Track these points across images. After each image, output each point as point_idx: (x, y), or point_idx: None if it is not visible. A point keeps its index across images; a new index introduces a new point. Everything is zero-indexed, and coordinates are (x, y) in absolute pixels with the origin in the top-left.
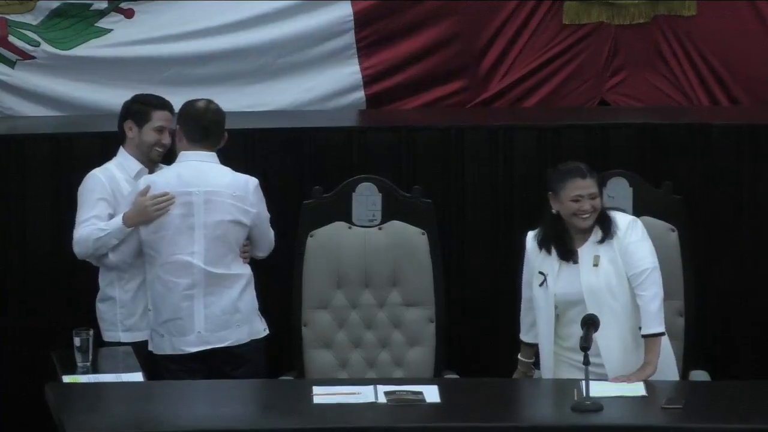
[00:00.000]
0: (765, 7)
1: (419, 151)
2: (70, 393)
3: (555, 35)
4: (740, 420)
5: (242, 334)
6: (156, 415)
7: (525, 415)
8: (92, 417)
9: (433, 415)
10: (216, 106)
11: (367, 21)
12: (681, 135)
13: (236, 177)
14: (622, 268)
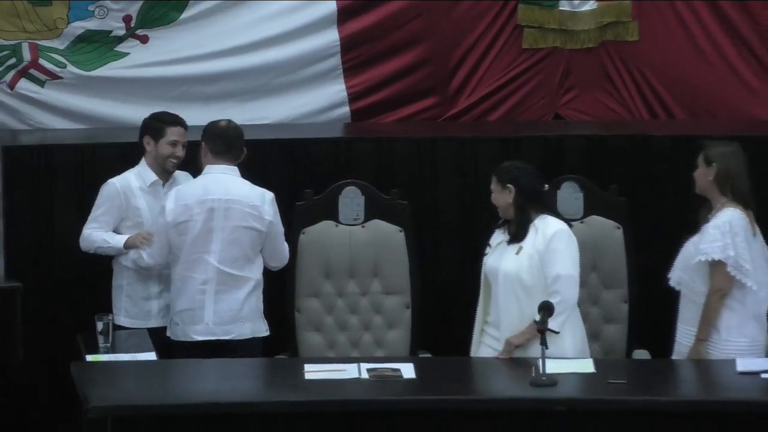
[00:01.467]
0: (698, 34)
1: (397, 159)
2: (92, 370)
3: (515, 58)
4: (676, 394)
5: (245, 330)
6: (166, 389)
7: (490, 388)
8: (111, 391)
9: (410, 389)
10: (235, 125)
11: (352, 46)
12: (625, 145)
13: (254, 189)
14: (537, 264)
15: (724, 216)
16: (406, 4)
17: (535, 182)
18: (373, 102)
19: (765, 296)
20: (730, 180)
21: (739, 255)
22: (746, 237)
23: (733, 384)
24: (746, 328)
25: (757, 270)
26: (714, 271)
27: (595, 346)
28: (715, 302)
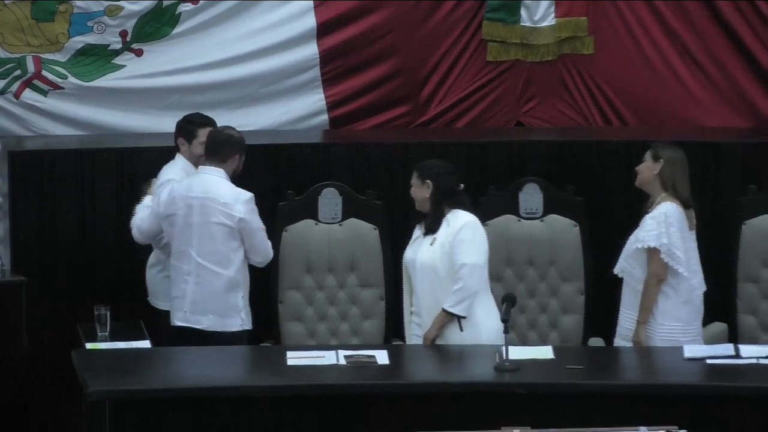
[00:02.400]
0: (648, 48)
1: (372, 163)
2: (91, 357)
3: (480, 70)
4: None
5: (214, 323)
6: (159, 375)
7: (457, 373)
8: (109, 376)
9: (384, 374)
10: (228, 132)
11: (330, 59)
12: (581, 149)
13: (231, 189)
14: (448, 253)
15: (662, 208)
16: (380, 20)
17: (452, 181)
18: (350, 110)
19: (698, 283)
20: (673, 178)
21: (672, 243)
22: (681, 228)
23: (681, 369)
24: (679, 313)
25: (690, 259)
26: (650, 258)
27: (553, 335)
28: (652, 287)
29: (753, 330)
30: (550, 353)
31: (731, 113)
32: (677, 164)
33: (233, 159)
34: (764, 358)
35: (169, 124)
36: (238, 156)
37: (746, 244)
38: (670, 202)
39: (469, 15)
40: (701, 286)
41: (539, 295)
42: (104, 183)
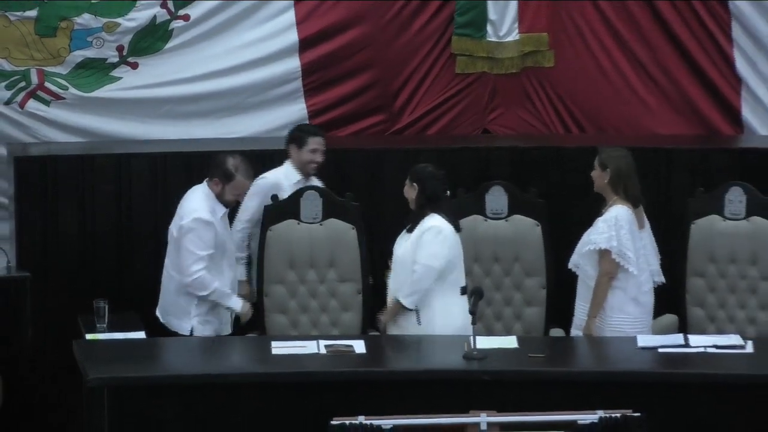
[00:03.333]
0: (604, 61)
1: (350, 167)
2: (91, 347)
3: (449, 81)
4: (587, 366)
5: (170, 322)
6: (153, 362)
7: (429, 361)
8: (108, 364)
9: (361, 363)
10: (223, 158)
11: (311, 71)
12: (543, 154)
13: (194, 204)
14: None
15: (613, 211)
16: (358, 36)
17: (438, 187)
18: (330, 118)
19: (645, 279)
20: (622, 181)
21: (622, 244)
22: (630, 229)
23: (635, 357)
24: (626, 307)
25: (639, 258)
26: (601, 258)
27: (517, 326)
28: (603, 285)
29: (701, 321)
30: (514, 343)
31: (681, 122)
32: (623, 169)
33: (215, 182)
34: (711, 347)
35: (164, 131)
36: (219, 182)
37: (694, 242)
38: (620, 206)
39: (439, 31)
40: (650, 281)
41: (504, 289)
42: (103, 186)
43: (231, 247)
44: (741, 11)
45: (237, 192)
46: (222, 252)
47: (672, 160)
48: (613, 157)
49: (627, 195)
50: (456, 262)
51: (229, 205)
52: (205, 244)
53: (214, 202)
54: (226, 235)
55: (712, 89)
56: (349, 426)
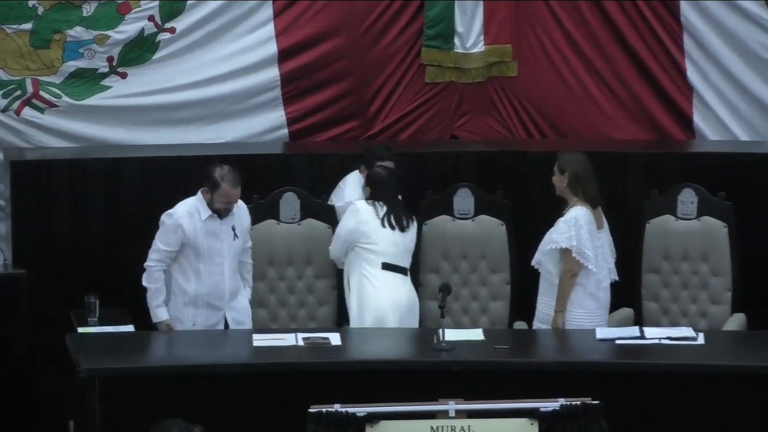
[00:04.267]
0: (565, 71)
1: (326, 171)
2: (83, 340)
3: (419, 90)
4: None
5: None
6: (142, 354)
7: (401, 352)
8: (99, 356)
9: (337, 354)
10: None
11: (290, 80)
12: (507, 158)
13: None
14: None
15: (572, 212)
16: (333, 47)
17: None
18: (307, 125)
19: (604, 277)
20: (580, 183)
21: (582, 243)
22: (590, 229)
23: (594, 348)
24: (585, 302)
25: (597, 256)
26: (563, 256)
27: (483, 319)
28: (567, 280)
29: (655, 314)
30: (480, 335)
31: (636, 127)
32: (580, 172)
33: (205, 191)
34: (665, 338)
35: (151, 137)
36: (208, 190)
37: (649, 240)
38: (580, 207)
39: (409, 43)
40: (607, 278)
41: (471, 284)
42: (94, 188)
43: (227, 254)
44: (692, 24)
45: (225, 200)
46: (198, 254)
47: (628, 163)
48: (570, 162)
49: (585, 196)
50: (369, 234)
51: (220, 213)
52: (167, 239)
53: (202, 206)
54: (213, 241)
55: (665, 97)
56: (326, 413)
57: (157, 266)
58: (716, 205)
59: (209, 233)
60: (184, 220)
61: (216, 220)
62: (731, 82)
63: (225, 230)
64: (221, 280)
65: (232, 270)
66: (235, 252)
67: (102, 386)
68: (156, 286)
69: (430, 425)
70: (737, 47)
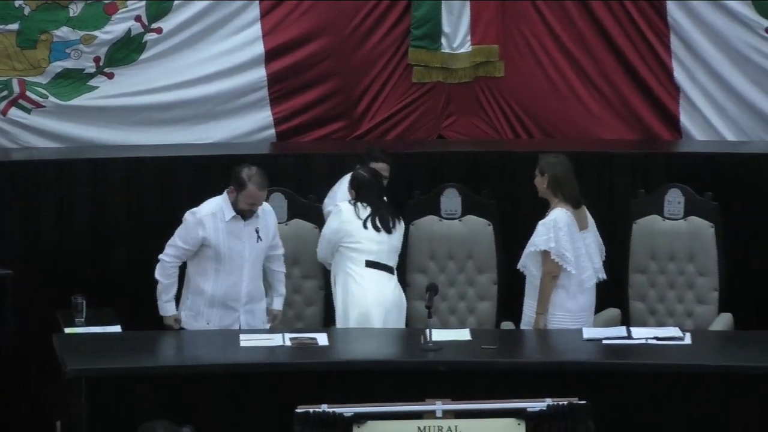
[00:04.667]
0: (551, 71)
1: (313, 171)
2: (70, 340)
3: (407, 90)
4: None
5: None
6: (129, 354)
7: (388, 351)
8: (85, 356)
9: (324, 354)
10: (240, 168)
11: (276, 81)
12: (493, 158)
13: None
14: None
15: (552, 214)
16: (320, 47)
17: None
18: (294, 125)
19: (587, 278)
20: (560, 184)
21: (560, 245)
22: (569, 231)
23: (581, 348)
24: (568, 305)
25: (580, 257)
26: (544, 259)
27: (470, 319)
28: (548, 282)
29: (642, 315)
30: (467, 335)
31: (623, 127)
32: (561, 174)
33: (231, 190)
34: (652, 338)
35: (138, 137)
36: (234, 189)
37: (636, 240)
38: (560, 208)
39: (396, 43)
40: (592, 279)
41: (458, 285)
42: (80, 189)
43: (248, 255)
44: (679, 24)
45: (249, 201)
46: (218, 254)
47: (614, 163)
48: (550, 164)
49: (566, 197)
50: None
51: (244, 214)
52: (186, 237)
53: (227, 207)
54: (235, 242)
55: (652, 97)
56: (313, 414)
57: (172, 262)
58: (703, 205)
59: (231, 234)
60: (207, 219)
61: (239, 221)
62: (718, 82)
63: (248, 232)
64: (239, 282)
65: (253, 273)
66: (258, 255)
67: (89, 386)
68: (169, 282)
69: (417, 425)
70: (724, 47)
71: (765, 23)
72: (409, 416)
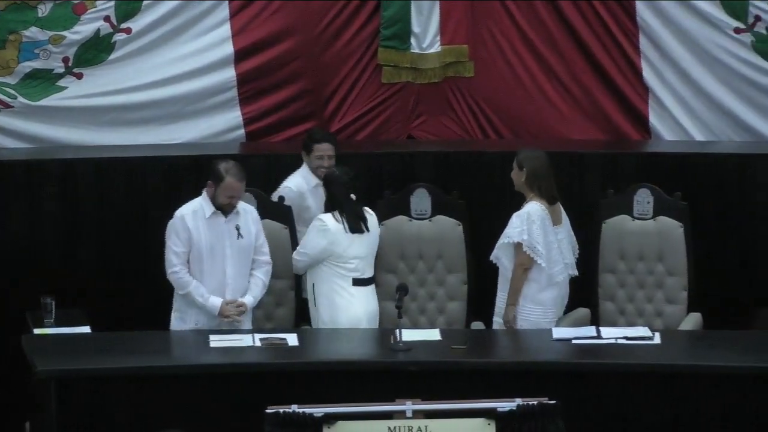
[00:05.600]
0: (521, 71)
1: (283, 171)
2: (39, 341)
3: (376, 90)
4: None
5: None
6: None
7: (358, 352)
8: (55, 357)
9: (294, 354)
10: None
11: (246, 81)
12: (463, 158)
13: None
14: None
15: (527, 207)
16: (290, 48)
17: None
18: (264, 125)
19: (558, 272)
20: (537, 180)
21: (533, 238)
22: (542, 225)
23: (551, 348)
24: (539, 298)
25: (551, 251)
26: (516, 251)
27: (440, 319)
28: (519, 274)
29: (612, 314)
30: (437, 335)
31: (592, 128)
32: (538, 169)
33: (209, 185)
34: (622, 338)
35: (107, 138)
36: (213, 184)
37: (606, 240)
38: (535, 202)
39: (366, 43)
40: (563, 273)
41: (428, 285)
42: (49, 189)
43: (230, 253)
44: (648, 24)
45: (228, 193)
46: (200, 253)
47: (584, 163)
48: (530, 158)
49: (542, 193)
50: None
51: (224, 210)
52: (177, 240)
53: (206, 205)
54: (216, 239)
55: (621, 97)
56: (283, 414)
57: (180, 269)
58: (672, 205)
59: (212, 231)
60: (189, 217)
61: (220, 218)
62: (687, 82)
63: (228, 229)
64: (223, 280)
65: (236, 271)
66: (240, 252)
67: (58, 387)
68: (191, 287)
69: (388, 425)
70: (693, 47)
71: (734, 23)
72: (380, 416)
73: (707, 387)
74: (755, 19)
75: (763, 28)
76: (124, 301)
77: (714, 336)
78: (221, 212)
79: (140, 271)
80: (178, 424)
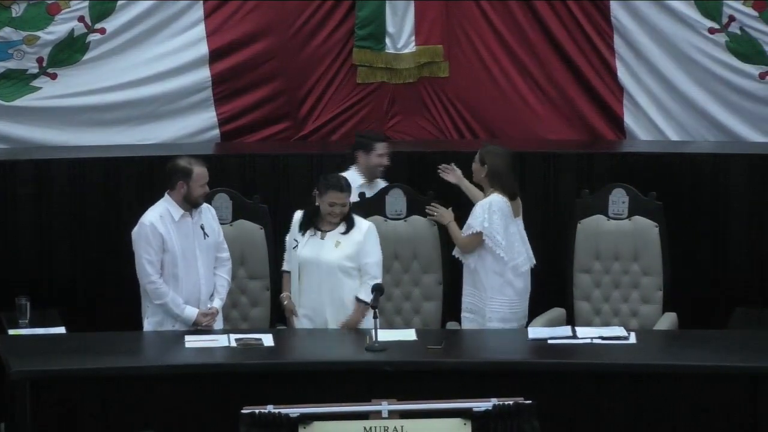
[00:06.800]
0: (496, 71)
1: (258, 171)
2: (14, 342)
3: (351, 91)
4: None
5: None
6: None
7: (333, 353)
8: (30, 358)
9: (269, 355)
10: (173, 162)
11: (221, 81)
12: (439, 159)
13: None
14: (357, 255)
15: (488, 198)
16: (264, 48)
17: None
18: (239, 125)
19: (522, 263)
20: (498, 178)
21: (493, 228)
22: (503, 216)
23: (526, 348)
24: (505, 290)
25: (513, 243)
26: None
27: (416, 319)
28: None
29: (587, 314)
30: (413, 335)
31: (567, 127)
32: (500, 167)
33: (179, 186)
34: (597, 338)
35: (82, 138)
36: (183, 183)
37: (581, 240)
38: (497, 194)
39: (341, 43)
40: (526, 264)
41: (404, 285)
42: (24, 190)
43: (200, 254)
44: (623, 25)
45: (201, 182)
46: (174, 258)
47: (559, 163)
48: (492, 155)
49: (503, 190)
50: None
51: (199, 201)
52: (148, 248)
53: (172, 208)
54: (187, 242)
55: (596, 97)
56: (259, 414)
57: (157, 279)
58: (647, 204)
59: (182, 234)
60: (158, 223)
61: (188, 219)
62: (662, 82)
63: (195, 230)
64: (197, 281)
65: (206, 271)
66: (208, 251)
67: (33, 388)
68: (168, 299)
69: (364, 426)
70: (668, 48)
71: (708, 24)
72: (356, 416)
73: (682, 386)
74: (729, 19)
75: (737, 29)
76: (100, 301)
77: (689, 336)
78: (188, 213)
79: (115, 272)
80: (154, 425)
